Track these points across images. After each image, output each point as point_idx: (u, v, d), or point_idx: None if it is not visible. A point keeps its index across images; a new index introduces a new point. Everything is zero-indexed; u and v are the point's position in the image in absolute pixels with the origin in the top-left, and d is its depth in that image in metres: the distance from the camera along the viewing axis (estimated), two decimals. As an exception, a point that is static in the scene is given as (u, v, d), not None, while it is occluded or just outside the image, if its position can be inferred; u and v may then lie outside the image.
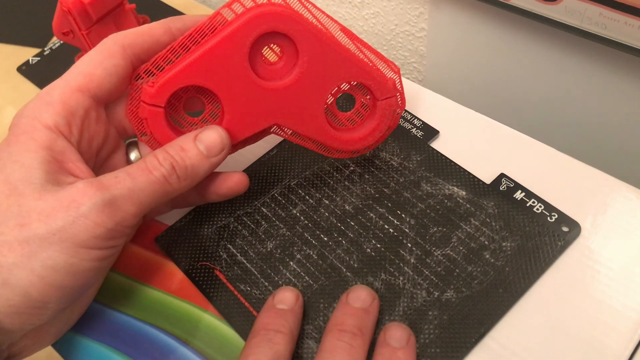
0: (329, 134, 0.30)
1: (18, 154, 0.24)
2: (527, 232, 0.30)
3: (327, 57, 0.28)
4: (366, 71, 0.29)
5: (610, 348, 0.26)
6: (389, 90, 0.30)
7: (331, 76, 0.29)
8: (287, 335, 0.26)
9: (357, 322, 0.26)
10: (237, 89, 0.28)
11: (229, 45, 0.27)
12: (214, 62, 0.27)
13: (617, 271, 0.28)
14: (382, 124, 0.31)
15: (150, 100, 0.27)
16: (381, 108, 0.31)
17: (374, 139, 0.32)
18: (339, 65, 0.29)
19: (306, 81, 0.29)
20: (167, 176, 0.26)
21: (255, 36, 0.27)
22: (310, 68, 0.28)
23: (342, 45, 0.29)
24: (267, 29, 0.27)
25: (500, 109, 0.50)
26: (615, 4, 0.33)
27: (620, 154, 0.44)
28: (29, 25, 0.55)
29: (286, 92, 0.29)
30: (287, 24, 0.27)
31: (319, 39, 0.28)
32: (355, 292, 0.27)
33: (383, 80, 0.30)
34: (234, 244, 0.31)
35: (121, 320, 0.29)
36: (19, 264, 0.23)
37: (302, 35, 0.28)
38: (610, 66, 0.39)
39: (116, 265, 0.31)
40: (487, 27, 0.44)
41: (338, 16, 0.57)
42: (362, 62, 0.29)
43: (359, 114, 0.32)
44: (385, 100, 0.30)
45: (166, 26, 0.28)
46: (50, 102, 0.26)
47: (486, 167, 0.33)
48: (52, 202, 0.23)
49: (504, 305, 0.28)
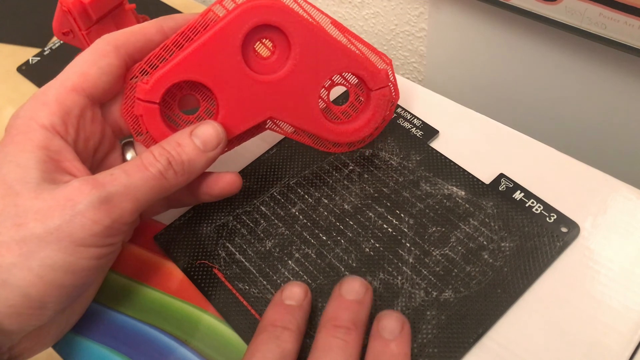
0: (324, 126, 0.31)
1: (14, 154, 0.24)
2: (526, 233, 0.30)
3: (319, 49, 0.29)
4: (358, 61, 0.30)
5: (610, 349, 0.26)
6: (381, 80, 0.31)
7: (324, 67, 0.29)
8: (295, 332, 0.25)
9: (351, 315, 0.25)
10: (231, 83, 0.28)
11: (221, 38, 0.27)
12: (207, 57, 0.27)
13: (617, 272, 0.28)
14: (377, 114, 0.31)
15: (145, 96, 0.28)
16: (375, 98, 0.31)
17: (369, 130, 0.32)
18: (331, 56, 0.29)
19: (299, 73, 0.29)
20: (164, 172, 0.26)
21: (247, 29, 0.27)
22: (303, 59, 0.29)
23: (334, 37, 0.29)
24: (259, 21, 0.27)
25: (500, 109, 0.50)
26: (615, 4, 0.33)
27: (620, 154, 0.44)
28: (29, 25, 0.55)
29: (280, 84, 0.29)
30: (278, 15, 0.28)
31: (310, 31, 0.28)
32: (349, 283, 0.27)
33: (375, 70, 0.30)
34: (232, 242, 0.31)
35: (120, 321, 0.29)
36: (17, 264, 0.22)
37: (294, 26, 0.28)
38: (610, 66, 0.39)
39: (115, 266, 0.31)
40: (487, 27, 0.44)
41: (338, 16, 0.57)
42: (354, 53, 0.30)
43: (354, 107, 0.32)
44: (378, 90, 0.31)
45: (158, 25, 0.29)
46: (46, 102, 0.26)
47: (485, 167, 0.33)
48: (49, 201, 0.23)
49: (503, 305, 0.27)
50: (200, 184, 0.29)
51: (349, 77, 0.31)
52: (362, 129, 0.32)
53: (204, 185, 0.29)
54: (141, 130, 0.29)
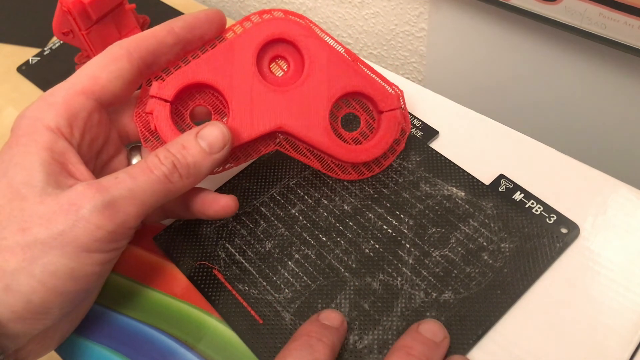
0: (333, 141, 0.30)
1: (19, 156, 0.24)
2: (525, 234, 0.30)
3: (332, 65, 0.30)
4: (369, 82, 0.31)
5: (610, 349, 0.26)
6: (392, 103, 0.31)
7: (335, 83, 0.30)
8: (329, 347, 0.25)
9: (427, 351, 0.25)
10: (243, 88, 0.29)
11: (237, 46, 0.28)
12: (222, 61, 0.28)
13: (617, 272, 0.28)
14: (388, 135, 0.31)
15: (158, 93, 0.28)
16: (386, 120, 0.31)
17: (379, 152, 0.31)
18: (343, 73, 0.30)
19: (311, 85, 0.30)
20: (169, 175, 0.26)
21: (263, 40, 0.29)
22: (315, 73, 0.30)
23: (346, 57, 0.30)
24: (275, 34, 0.29)
25: (500, 109, 0.50)
26: (615, 4, 0.33)
27: (620, 154, 0.44)
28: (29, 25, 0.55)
29: (291, 95, 0.29)
30: (294, 30, 0.29)
31: (324, 47, 0.29)
32: (428, 323, 0.26)
33: (386, 92, 0.31)
34: (232, 243, 0.31)
35: (122, 322, 0.29)
36: (21, 269, 0.22)
37: (308, 42, 0.29)
38: (610, 66, 0.39)
39: (116, 267, 0.31)
40: (487, 27, 0.44)
41: (338, 16, 0.57)
42: (366, 74, 0.31)
43: (364, 134, 0.32)
44: (389, 112, 0.31)
45: (169, 27, 0.29)
46: (53, 103, 0.26)
47: (485, 167, 0.33)
48: (53, 206, 0.23)
49: (502, 306, 0.27)
50: (196, 202, 0.29)
51: (360, 103, 0.32)
52: (371, 149, 0.31)
53: (200, 205, 0.29)
54: (150, 134, 0.29)
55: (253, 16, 0.30)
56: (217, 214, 0.29)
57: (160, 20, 0.56)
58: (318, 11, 0.58)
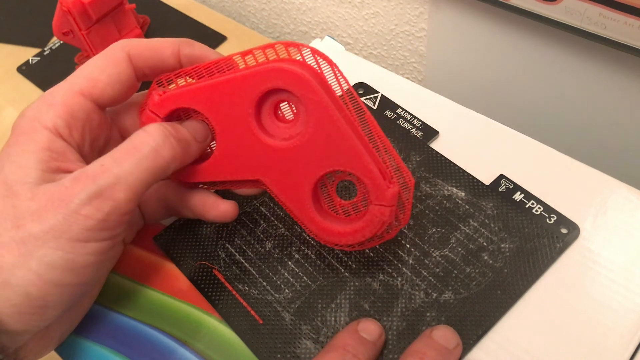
0: (308, 213, 0.28)
1: (16, 154, 0.25)
2: (525, 234, 0.30)
3: (331, 135, 0.26)
4: (367, 168, 0.26)
5: (611, 350, 0.26)
6: (385, 199, 0.26)
7: (328, 156, 0.26)
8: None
9: (439, 357, 0.25)
10: (234, 130, 0.27)
11: (239, 86, 0.26)
12: (221, 96, 0.27)
13: (617, 272, 0.28)
14: (366, 229, 0.27)
15: (153, 107, 0.28)
16: (371, 212, 0.27)
17: (352, 241, 0.27)
18: (341, 148, 0.26)
19: (303, 150, 0.27)
20: (159, 148, 0.25)
21: (267, 88, 0.26)
22: (311, 138, 0.26)
23: (349, 132, 0.26)
24: (280, 85, 0.26)
25: (500, 109, 0.50)
26: (615, 4, 0.33)
27: (620, 154, 0.44)
28: (29, 25, 0.55)
29: (279, 153, 0.27)
30: (299, 86, 0.25)
31: (328, 114, 0.25)
32: (441, 330, 0.26)
33: (382, 185, 0.26)
34: (232, 243, 0.31)
35: (121, 322, 0.29)
36: (18, 264, 0.23)
37: (312, 102, 0.25)
38: (610, 66, 0.39)
39: (116, 267, 0.31)
40: (487, 27, 0.44)
41: (338, 16, 0.57)
42: (365, 157, 0.26)
43: (356, 208, 0.28)
44: (378, 206, 0.26)
45: (176, 48, 0.28)
46: (52, 103, 0.26)
47: (486, 168, 0.33)
48: (43, 202, 0.23)
49: (502, 306, 0.27)
50: (197, 204, 0.29)
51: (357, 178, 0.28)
52: (345, 235, 0.27)
53: (200, 207, 0.29)
54: None
55: (278, 46, 0.26)
56: (216, 218, 0.29)
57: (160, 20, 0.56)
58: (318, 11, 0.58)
